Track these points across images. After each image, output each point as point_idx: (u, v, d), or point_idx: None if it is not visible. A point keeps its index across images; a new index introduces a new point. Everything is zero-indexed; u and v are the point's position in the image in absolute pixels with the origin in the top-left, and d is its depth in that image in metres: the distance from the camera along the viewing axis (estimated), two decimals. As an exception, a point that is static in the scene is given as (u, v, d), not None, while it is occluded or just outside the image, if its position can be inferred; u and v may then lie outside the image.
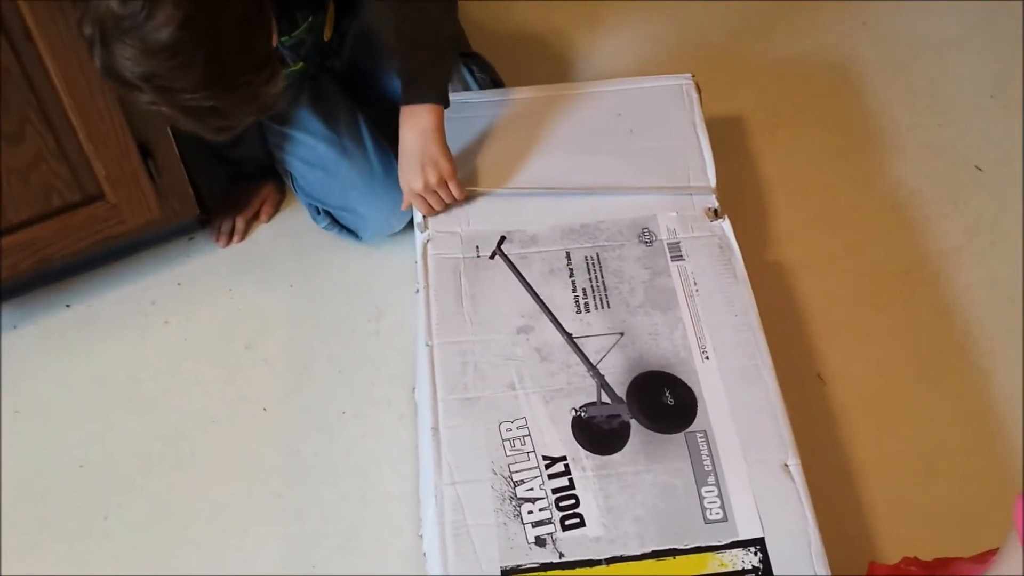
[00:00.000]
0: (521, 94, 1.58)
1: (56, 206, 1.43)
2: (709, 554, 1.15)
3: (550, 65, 1.88)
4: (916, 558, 1.32)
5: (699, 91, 1.55)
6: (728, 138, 1.78)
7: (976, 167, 1.77)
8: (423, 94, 1.40)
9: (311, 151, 1.59)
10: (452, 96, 1.45)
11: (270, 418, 1.50)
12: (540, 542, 1.16)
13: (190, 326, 1.58)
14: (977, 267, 1.66)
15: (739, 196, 1.69)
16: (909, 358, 1.57)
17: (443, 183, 1.41)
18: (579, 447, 1.22)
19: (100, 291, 1.61)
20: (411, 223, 1.53)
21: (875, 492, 1.44)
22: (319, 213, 1.65)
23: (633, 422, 1.24)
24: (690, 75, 1.56)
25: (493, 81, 1.66)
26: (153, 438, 1.48)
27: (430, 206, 1.43)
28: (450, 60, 1.50)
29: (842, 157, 1.79)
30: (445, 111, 1.42)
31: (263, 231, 1.69)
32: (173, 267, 1.64)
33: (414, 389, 1.42)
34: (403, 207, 1.47)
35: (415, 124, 1.40)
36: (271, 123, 1.59)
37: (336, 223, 1.64)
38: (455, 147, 1.46)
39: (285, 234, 1.68)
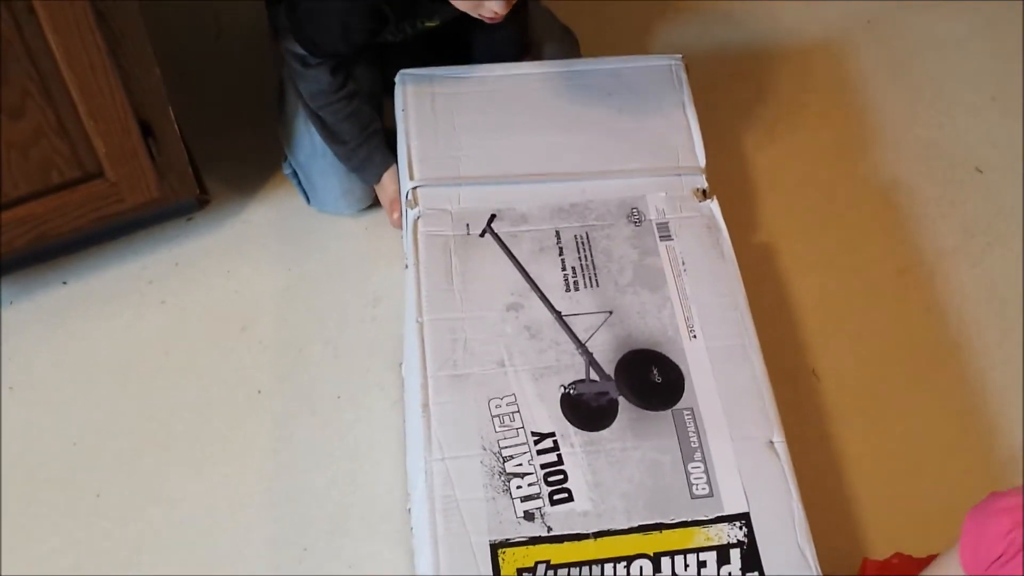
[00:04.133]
0: (511, 70, 1.57)
1: (55, 183, 1.43)
2: (695, 528, 1.15)
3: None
4: (909, 556, 1.32)
5: (688, 71, 1.55)
6: (727, 132, 1.79)
7: (976, 169, 1.78)
8: None
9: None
10: (440, 70, 1.50)
11: (264, 401, 1.50)
12: (529, 516, 1.16)
13: (187, 307, 1.59)
14: (973, 268, 1.66)
15: (736, 190, 1.69)
16: (903, 356, 1.57)
17: None
18: (568, 423, 1.22)
19: (97, 269, 1.61)
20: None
21: (866, 488, 1.45)
22: (284, 156, 1.66)
23: (621, 399, 1.24)
24: (680, 56, 1.56)
25: None
26: (146, 417, 1.49)
27: None
28: None
29: (840, 154, 1.80)
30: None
31: (262, 214, 1.69)
32: (171, 247, 1.64)
33: (401, 364, 1.42)
34: None
35: None
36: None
37: (295, 175, 1.67)
38: (444, 123, 1.47)
39: (284, 218, 1.68)
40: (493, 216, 1.39)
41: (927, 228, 1.71)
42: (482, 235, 1.37)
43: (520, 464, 1.19)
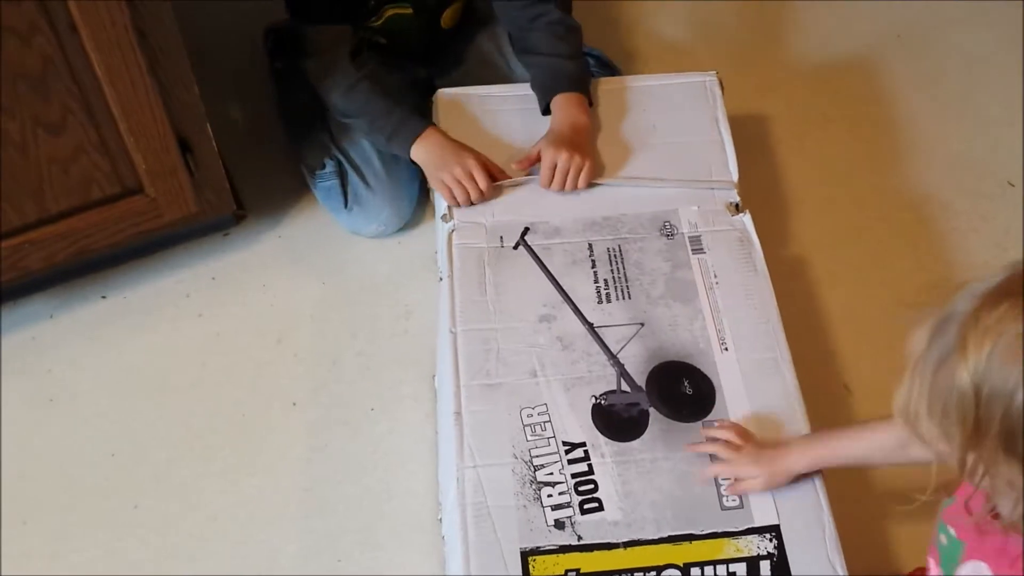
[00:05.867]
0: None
1: (95, 198, 1.46)
2: (725, 539, 1.16)
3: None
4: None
5: (722, 87, 1.56)
6: (757, 144, 1.80)
7: (1008, 182, 1.77)
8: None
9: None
10: (474, 89, 1.54)
11: (299, 412, 1.52)
12: (559, 525, 1.17)
13: (223, 320, 1.61)
14: (1005, 283, 1.65)
15: (766, 203, 1.69)
16: (933, 371, 1.56)
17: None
18: (598, 434, 1.23)
19: (136, 283, 1.64)
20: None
21: (898, 502, 1.43)
22: (330, 157, 1.65)
23: (652, 410, 1.25)
24: (714, 72, 1.58)
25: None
26: (183, 429, 1.51)
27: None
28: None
29: (870, 167, 1.80)
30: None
31: (297, 229, 1.71)
32: (208, 262, 1.66)
33: (434, 376, 1.43)
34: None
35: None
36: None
37: (338, 175, 1.65)
38: (486, 138, 1.50)
39: (319, 232, 1.70)
40: (527, 229, 1.41)
41: (958, 242, 1.70)
42: (515, 247, 1.39)
43: (551, 473, 1.21)
